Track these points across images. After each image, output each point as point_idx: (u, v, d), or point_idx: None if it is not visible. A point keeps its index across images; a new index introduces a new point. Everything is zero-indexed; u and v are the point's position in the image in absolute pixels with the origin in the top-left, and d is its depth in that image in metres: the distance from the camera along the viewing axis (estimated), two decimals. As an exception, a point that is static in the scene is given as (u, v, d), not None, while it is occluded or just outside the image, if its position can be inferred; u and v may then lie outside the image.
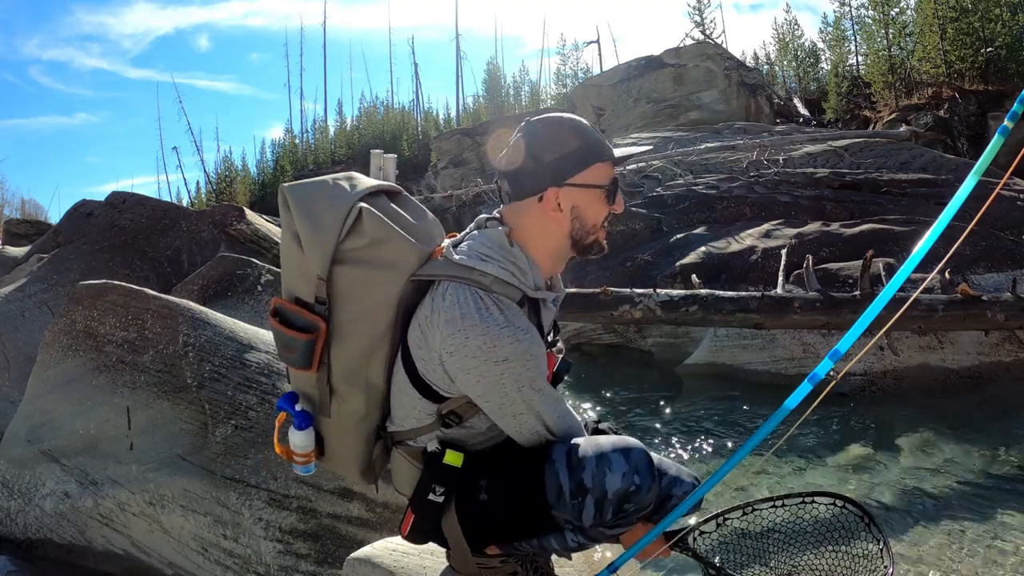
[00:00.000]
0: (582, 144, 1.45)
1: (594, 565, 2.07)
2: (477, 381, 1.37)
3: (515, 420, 1.42)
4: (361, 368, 1.49)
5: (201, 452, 2.44)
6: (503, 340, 1.34)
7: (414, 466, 1.51)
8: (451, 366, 1.38)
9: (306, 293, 1.45)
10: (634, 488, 1.35)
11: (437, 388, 1.44)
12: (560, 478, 1.37)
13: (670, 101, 20.17)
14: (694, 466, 3.74)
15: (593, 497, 1.35)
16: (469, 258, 1.42)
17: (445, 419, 1.46)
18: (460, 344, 1.35)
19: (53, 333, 2.91)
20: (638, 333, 6.65)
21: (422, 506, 1.46)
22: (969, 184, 1.39)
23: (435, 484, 1.45)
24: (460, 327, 1.34)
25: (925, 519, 2.89)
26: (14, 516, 2.66)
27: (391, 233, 1.43)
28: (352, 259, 1.43)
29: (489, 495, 1.44)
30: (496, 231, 1.47)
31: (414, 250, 1.45)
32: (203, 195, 43.06)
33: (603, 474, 1.34)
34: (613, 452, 1.37)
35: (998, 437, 3.90)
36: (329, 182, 1.48)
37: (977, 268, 6.05)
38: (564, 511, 1.38)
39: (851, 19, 24.77)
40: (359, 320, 1.46)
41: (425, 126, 38.98)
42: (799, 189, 8.91)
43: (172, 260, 6.60)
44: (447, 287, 1.39)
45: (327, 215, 1.42)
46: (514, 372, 1.36)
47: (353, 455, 1.59)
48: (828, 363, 1.46)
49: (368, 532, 2.30)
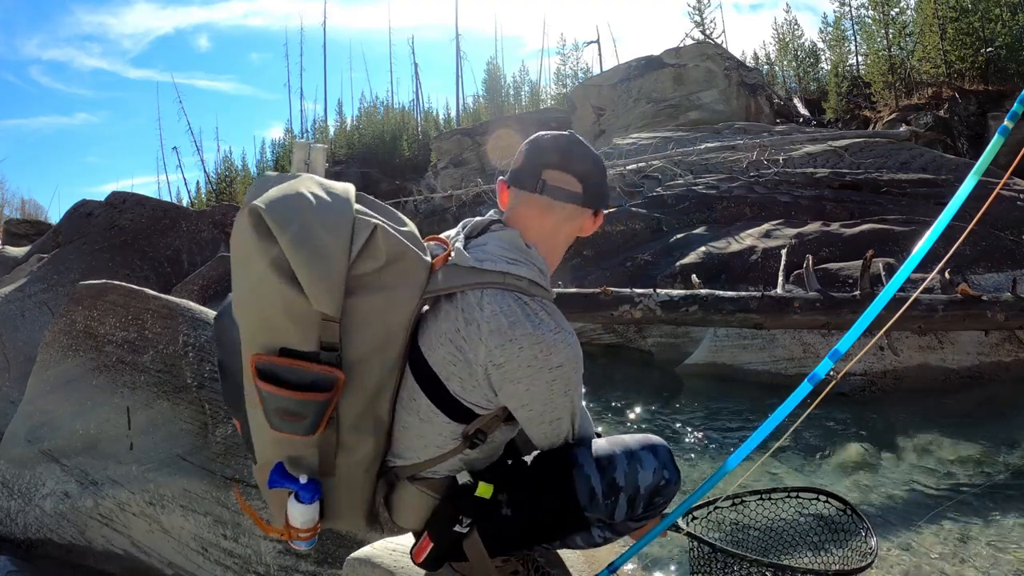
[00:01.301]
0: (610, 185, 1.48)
1: (594, 565, 2.07)
2: (527, 390, 1.27)
3: (550, 426, 1.35)
4: (370, 409, 1.31)
5: (201, 452, 2.44)
6: (558, 346, 1.26)
7: (430, 497, 1.39)
8: (498, 378, 1.26)
9: (302, 341, 1.20)
10: (664, 482, 1.40)
11: (474, 406, 1.31)
12: (592, 481, 1.36)
13: (670, 101, 20.16)
14: (694, 466, 3.74)
15: (626, 495, 1.38)
16: (495, 262, 1.29)
17: (473, 439, 1.33)
18: (513, 354, 1.24)
19: (53, 333, 2.91)
20: (638, 333, 6.65)
21: (445, 536, 1.37)
22: (969, 184, 1.39)
23: (462, 516, 1.35)
24: (510, 336, 1.23)
25: (925, 519, 2.89)
26: (14, 516, 2.66)
27: (406, 249, 1.26)
28: (365, 286, 1.22)
29: (513, 509, 1.37)
30: (509, 233, 1.35)
31: (424, 263, 1.29)
32: (203, 195, 43.04)
33: (635, 472, 1.38)
34: (642, 450, 1.41)
35: (998, 437, 3.90)
36: (306, 194, 1.21)
37: (977, 268, 6.05)
38: (597, 511, 1.38)
39: (851, 19, 24.76)
40: (371, 356, 1.26)
41: (425, 126, 38.95)
42: (799, 189, 8.91)
43: (172, 260, 6.60)
44: (482, 295, 1.26)
45: (327, 239, 1.17)
46: (565, 377, 1.29)
47: (360, 506, 1.41)
48: (828, 363, 1.47)
49: (368, 532, 2.30)
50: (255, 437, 1.34)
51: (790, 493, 1.69)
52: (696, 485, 1.70)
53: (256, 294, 1.20)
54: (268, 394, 1.20)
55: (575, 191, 1.37)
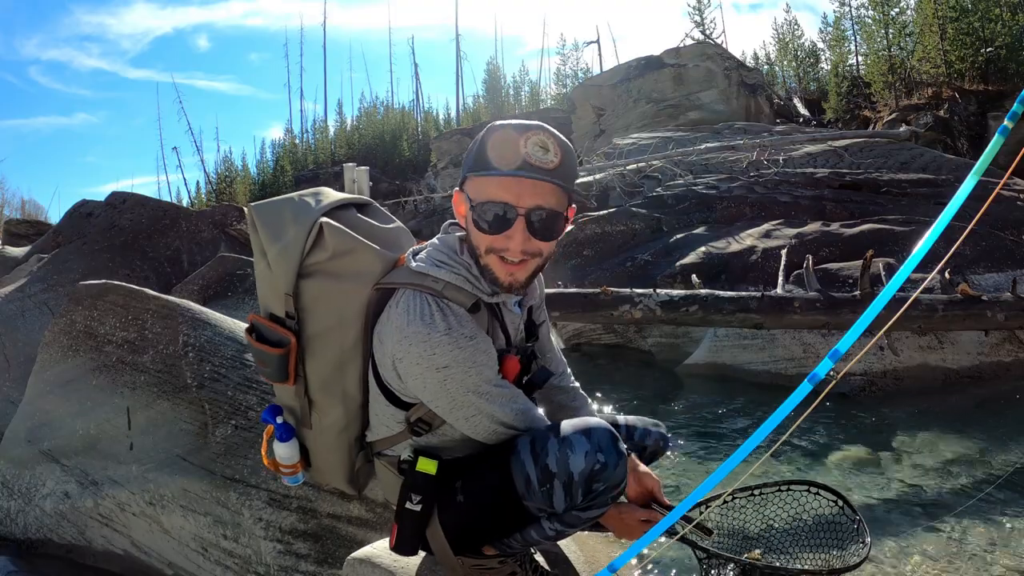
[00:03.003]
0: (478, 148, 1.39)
1: (594, 565, 2.07)
2: (424, 387, 1.40)
3: (468, 422, 1.44)
4: (336, 379, 1.52)
5: (201, 452, 2.44)
6: (442, 347, 1.35)
7: (396, 475, 1.52)
8: (401, 371, 1.42)
9: (278, 309, 1.49)
10: (599, 466, 1.35)
11: (396, 392, 1.46)
12: (526, 467, 1.38)
13: (670, 101, 20.16)
14: (694, 466, 3.74)
15: (560, 481, 1.35)
16: (426, 265, 1.44)
17: (414, 427, 1.48)
18: (404, 351, 1.38)
19: (53, 333, 2.91)
20: (638, 333, 6.65)
21: (402, 516, 1.47)
22: (969, 184, 1.39)
23: (411, 493, 1.46)
24: (405, 334, 1.37)
25: (924, 519, 2.89)
26: (14, 516, 2.66)
27: (355, 244, 1.46)
28: (317, 272, 1.45)
29: (465, 496, 1.46)
30: (451, 236, 1.50)
31: (379, 258, 1.48)
32: (203, 195, 43.09)
33: (566, 457, 1.35)
34: (574, 434, 1.37)
35: (998, 437, 3.90)
36: (295, 199, 1.50)
37: (977, 268, 6.05)
38: (535, 500, 1.39)
39: (851, 19, 24.78)
40: (328, 332, 1.48)
41: (425, 126, 39.00)
42: (799, 189, 8.90)
43: (172, 260, 6.61)
44: (401, 294, 1.42)
45: (290, 231, 1.45)
46: (456, 378, 1.38)
47: (338, 466, 1.63)
48: (828, 363, 1.46)
49: (368, 532, 2.30)
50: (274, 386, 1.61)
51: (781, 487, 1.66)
52: (696, 485, 1.70)
53: (257, 273, 1.54)
54: (250, 345, 1.54)
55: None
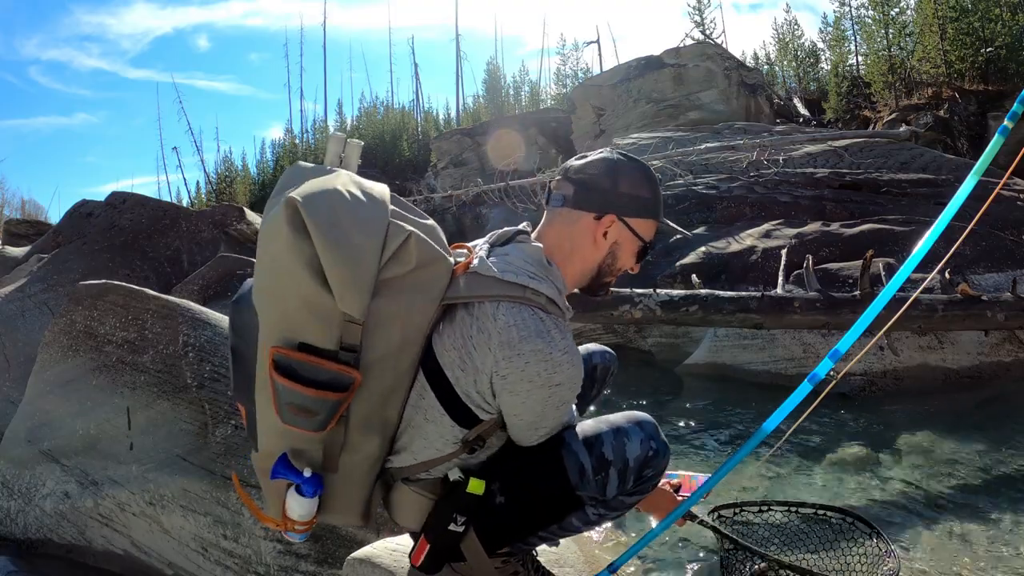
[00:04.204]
0: (652, 197, 1.46)
1: (594, 565, 2.07)
2: (523, 402, 1.31)
3: (536, 433, 1.39)
4: (380, 410, 1.34)
5: (201, 452, 2.44)
6: (563, 366, 1.29)
7: (425, 498, 1.41)
8: (500, 387, 1.30)
9: (322, 338, 1.21)
10: (652, 453, 1.42)
11: (478, 408, 1.34)
12: (580, 457, 1.39)
13: (670, 101, 20.14)
14: (694, 466, 3.74)
15: (616, 468, 1.40)
16: (517, 275, 1.32)
17: (472, 445, 1.37)
18: (518, 368, 1.27)
19: (53, 333, 2.91)
20: (638, 333, 6.65)
21: (441, 537, 1.38)
22: (969, 184, 1.39)
23: (456, 514, 1.36)
24: (519, 351, 1.26)
25: (925, 519, 2.89)
26: (14, 516, 2.66)
27: (436, 254, 1.29)
28: (391, 289, 1.24)
29: (506, 497, 1.39)
30: (533, 247, 1.39)
31: (448, 268, 1.33)
32: (203, 195, 43.03)
33: (622, 445, 1.41)
34: (627, 424, 1.44)
35: (998, 437, 3.90)
36: (343, 192, 1.23)
37: (977, 268, 6.05)
38: (588, 489, 1.41)
39: (851, 19, 24.74)
40: (388, 357, 1.28)
41: (425, 126, 38.96)
42: (799, 189, 8.90)
43: (172, 260, 6.61)
44: (499, 306, 1.28)
45: (361, 240, 1.18)
46: (561, 395, 1.33)
47: (357, 502, 1.43)
48: (828, 363, 1.47)
49: (368, 532, 2.30)
50: (260, 426, 1.33)
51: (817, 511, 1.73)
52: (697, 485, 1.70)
53: (282, 287, 1.19)
54: (283, 388, 1.20)
55: (566, 193, 1.44)
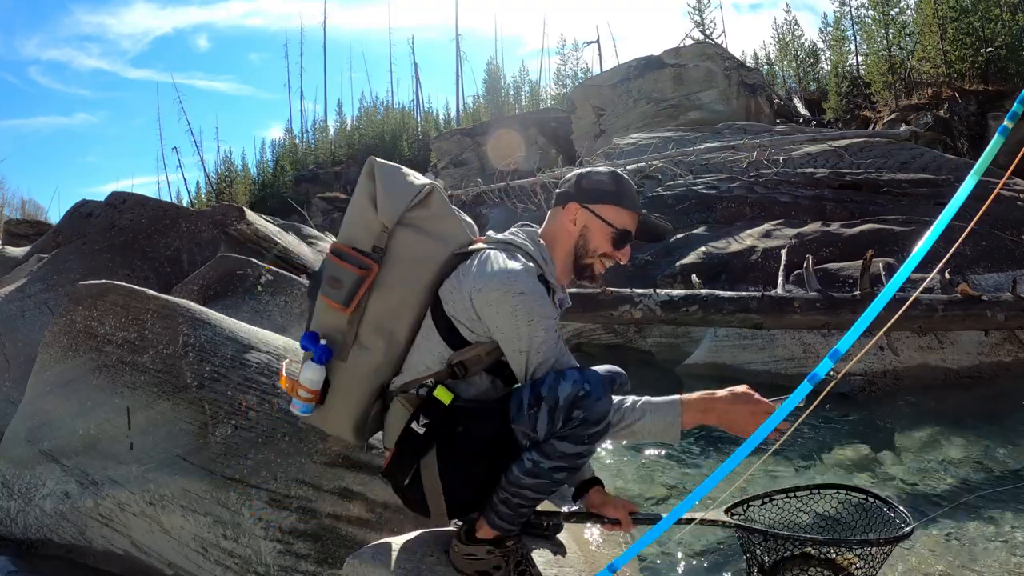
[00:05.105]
0: (615, 188, 1.80)
1: (594, 565, 2.07)
2: (496, 313, 1.59)
3: (524, 358, 1.61)
4: (390, 320, 1.71)
5: (201, 452, 2.44)
6: (520, 276, 1.60)
7: (408, 409, 1.67)
8: (478, 301, 1.61)
9: (365, 243, 1.71)
10: (583, 393, 1.51)
11: (462, 324, 1.65)
12: (521, 393, 1.58)
13: (670, 101, 20.14)
14: (693, 465, 3.74)
15: (547, 405, 1.53)
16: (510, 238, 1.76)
17: (454, 368, 1.65)
18: (487, 280, 1.60)
19: (53, 333, 2.91)
20: (638, 333, 6.65)
21: (404, 438, 1.64)
22: (969, 184, 1.39)
23: (420, 415, 1.62)
24: (488, 268, 1.63)
25: (925, 519, 2.89)
26: (14, 516, 2.66)
27: (452, 212, 1.78)
28: (414, 225, 1.72)
29: (464, 425, 1.61)
30: (530, 229, 1.82)
31: (465, 232, 1.79)
32: (203, 195, 43.06)
33: (557, 383, 1.54)
34: (571, 370, 1.58)
35: (998, 437, 3.90)
36: (409, 170, 1.83)
37: (977, 268, 6.05)
38: (522, 423, 1.56)
39: (851, 19, 24.73)
40: (404, 277, 1.71)
41: (425, 126, 38.97)
42: (799, 189, 8.90)
43: (172, 260, 6.60)
44: (487, 252, 1.68)
45: (404, 187, 1.74)
46: (527, 305, 1.58)
47: (352, 409, 1.75)
48: (828, 363, 1.47)
49: (368, 532, 2.30)
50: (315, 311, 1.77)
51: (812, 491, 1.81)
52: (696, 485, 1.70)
53: (352, 207, 1.77)
54: (329, 263, 1.73)
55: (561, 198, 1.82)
